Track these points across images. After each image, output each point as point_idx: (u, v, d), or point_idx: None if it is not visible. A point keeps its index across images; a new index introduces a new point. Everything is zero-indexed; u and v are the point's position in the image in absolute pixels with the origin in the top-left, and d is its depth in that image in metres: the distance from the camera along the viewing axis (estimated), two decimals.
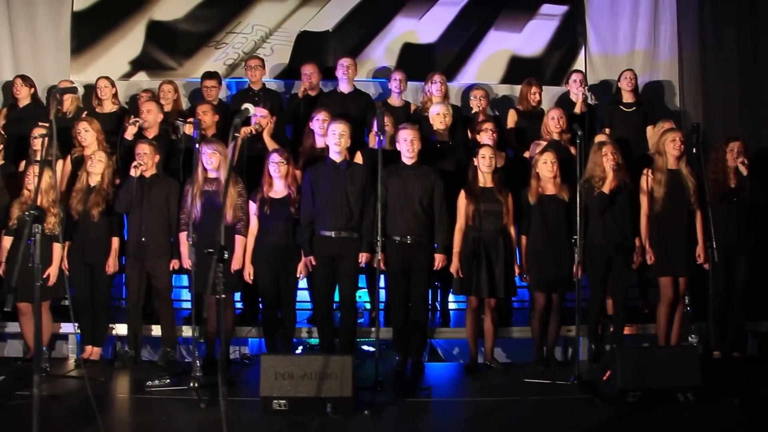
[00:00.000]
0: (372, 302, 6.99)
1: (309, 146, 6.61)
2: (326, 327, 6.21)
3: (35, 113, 7.48)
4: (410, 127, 6.19)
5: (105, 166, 6.31)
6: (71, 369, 6.21)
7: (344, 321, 6.18)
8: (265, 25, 8.03)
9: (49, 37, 8.13)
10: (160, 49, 8.11)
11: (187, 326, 6.60)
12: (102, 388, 5.57)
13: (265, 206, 6.10)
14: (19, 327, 6.59)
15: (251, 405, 5.13)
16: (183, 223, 6.15)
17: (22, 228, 6.25)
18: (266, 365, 4.89)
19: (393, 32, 8.04)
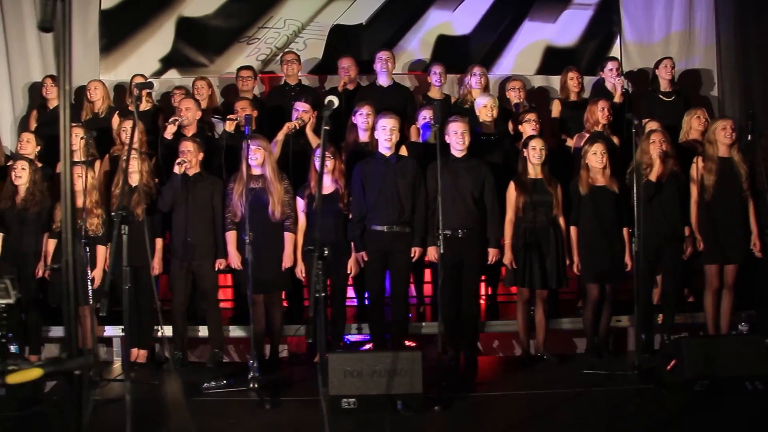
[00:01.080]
0: (418, 296, 6.95)
1: (352, 141, 6.53)
2: (378, 323, 6.14)
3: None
4: (460, 120, 6.11)
5: (140, 164, 6.22)
6: (119, 373, 6.14)
7: (396, 316, 6.11)
8: (297, 20, 7.92)
9: (78, 37, 7.99)
10: (191, 46, 8.00)
11: (234, 326, 6.54)
12: (157, 391, 5.51)
13: (314, 203, 6.03)
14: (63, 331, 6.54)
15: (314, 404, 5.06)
16: (229, 222, 6.08)
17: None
18: (334, 364, 4.82)
19: (427, 24, 7.95)
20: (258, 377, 5.32)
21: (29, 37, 7.98)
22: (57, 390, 5.46)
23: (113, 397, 5.35)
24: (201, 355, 6.73)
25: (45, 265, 6.28)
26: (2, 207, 6.34)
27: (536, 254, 6.03)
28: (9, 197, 6.35)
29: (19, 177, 6.31)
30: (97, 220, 6.18)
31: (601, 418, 4.78)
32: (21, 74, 8.01)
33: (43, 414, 5.03)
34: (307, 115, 6.61)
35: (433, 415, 4.78)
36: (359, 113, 6.47)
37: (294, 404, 5.13)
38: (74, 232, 1.95)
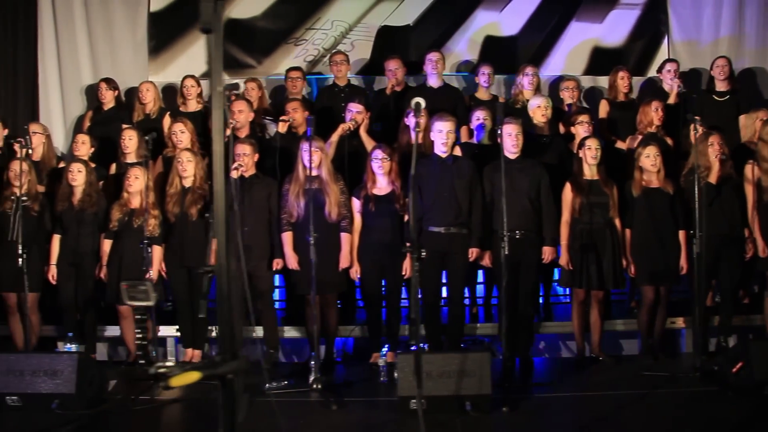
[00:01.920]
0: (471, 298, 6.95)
1: (405, 142, 6.53)
2: (435, 324, 6.14)
3: (119, 115, 7.45)
4: (514, 121, 6.10)
5: (195, 165, 6.25)
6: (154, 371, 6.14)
7: (452, 317, 6.12)
8: (345, 21, 7.94)
9: (127, 39, 8.08)
10: (239, 47, 8.01)
11: (289, 327, 6.56)
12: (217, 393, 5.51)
13: (370, 203, 6.04)
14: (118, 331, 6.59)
15: (381, 405, 5.10)
16: (285, 223, 6.10)
17: (122, 231, 6.23)
18: (403, 364, 4.82)
19: (474, 25, 7.94)
20: (321, 378, 5.33)
21: (80, 40, 8.06)
22: (118, 389, 5.52)
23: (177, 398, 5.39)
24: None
25: (101, 265, 6.32)
26: (59, 208, 6.39)
27: (593, 255, 6.02)
28: (66, 198, 6.39)
29: (75, 179, 6.35)
30: (153, 221, 6.20)
31: (669, 420, 4.77)
32: (72, 77, 8.08)
33: (111, 413, 5.07)
34: (360, 116, 6.61)
35: (502, 416, 4.78)
36: (411, 114, 6.47)
37: (360, 405, 5.14)
38: (227, 233, 1.95)
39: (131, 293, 2.30)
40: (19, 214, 6.28)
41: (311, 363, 5.48)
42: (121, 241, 6.25)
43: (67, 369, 4.95)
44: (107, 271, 6.26)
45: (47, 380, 4.95)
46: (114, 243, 6.29)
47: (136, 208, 6.23)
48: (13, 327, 6.48)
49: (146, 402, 5.18)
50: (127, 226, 6.21)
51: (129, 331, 6.34)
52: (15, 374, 5.00)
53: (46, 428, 4.71)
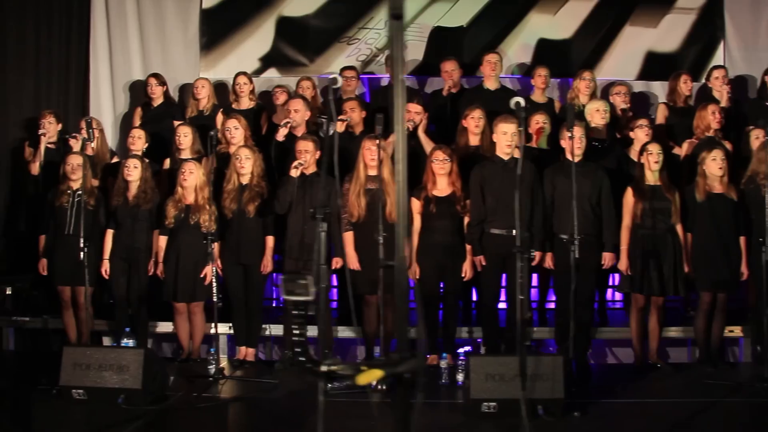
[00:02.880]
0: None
1: (463, 144, 6.49)
2: (493, 327, 6.10)
3: (170, 111, 7.44)
4: (578, 124, 6.05)
5: (253, 162, 6.22)
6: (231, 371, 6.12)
7: (511, 320, 6.06)
8: None
9: (178, 35, 8.08)
10: (291, 46, 8.00)
11: (343, 327, 6.52)
12: (277, 392, 5.50)
13: (431, 205, 6.00)
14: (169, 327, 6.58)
15: (447, 407, 5.05)
16: (346, 224, 6.06)
17: (178, 227, 6.20)
18: (475, 366, 4.77)
19: (528, 28, 7.88)
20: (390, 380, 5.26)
21: (132, 36, 8.06)
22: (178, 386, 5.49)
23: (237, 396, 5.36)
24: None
25: (156, 262, 6.30)
26: (114, 203, 6.38)
27: (654, 261, 5.96)
28: (121, 194, 6.37)
29: (131, 174, 6.33)
30: (208, 217, 6.18)
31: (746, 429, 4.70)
32: (122, 73, 8.09)
33: (175, 410, 5.03)
34: (419, 116, 6.57)
35: (574, 421, 4.72)
36: (470, 117, 6.44)
37: (426, 407, 5.06)
38: (407, 228, 1.92)
39: (290, 287, 2.24)
40: (75, 209, 6.31)
41: None
42: (177, 237, 6.22)
43: (133, 364, 4.93)
44: (163, 268, 6.24)
45: (113, 375, 4.93)
46: (170, 239, 6.28)
47: (192, 204, 6.20)
48: (67, 320, 6.48)
49: (208, 399, 5.15)
50: (183, 223, 6.18)
51: (183, 328, 6.32)
52: (81, 368, 4.98)
53: (113, 423, 4.69)
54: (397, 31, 1.94)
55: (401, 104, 1.96)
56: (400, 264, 1.99)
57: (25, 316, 6.82)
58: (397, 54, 1.96)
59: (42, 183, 6.82)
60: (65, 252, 6.31)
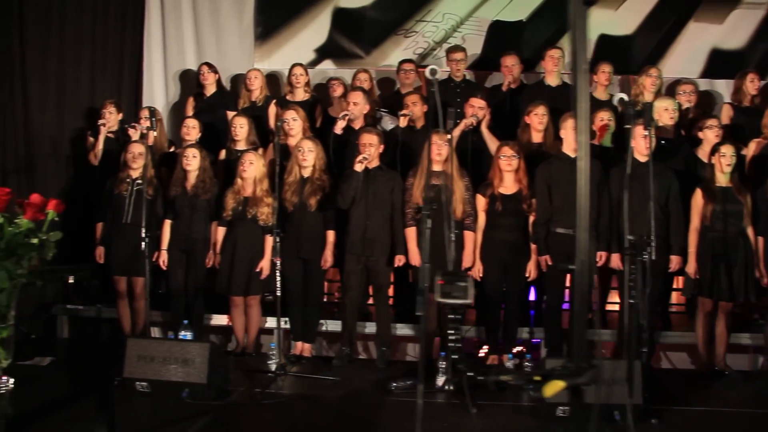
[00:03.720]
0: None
1: (526, 141, 6.36)
2: (556, 327, 5.98)
3: (222, 101, 7.36)
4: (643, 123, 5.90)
5: (315, 155, 6.12)
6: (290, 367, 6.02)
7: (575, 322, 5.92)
8: (456, 14, 7.74)
9: (233, 25, 7.99)
10: (347, 37, 7.88)
11: (402, 324, 6.41)
12: (339, 389, 5.41)
13: (497, 202, 5.88)
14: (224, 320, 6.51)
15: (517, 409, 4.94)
16: (409, 218, 5.95)
17: (236, 219, 6.12)
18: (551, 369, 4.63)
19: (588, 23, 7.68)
20: (452, 379, 5.17)
21: (186, 26, 7.99)
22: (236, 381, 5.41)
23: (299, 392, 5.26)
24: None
25: (214, 253, 6.23)
26: (172, 193, 6.31)
27: (724, 265, 5.79)
28: (179, 184, 6.31)
29: (190, 164, 6.27)
30: (267, 209, 6.09)
31: None
32: (176, 61, 8.02)
33: (239, 405, 4.96)
34: (482, 111, 6.44)
35: (652, 427, 4.59)
36: (533, 113, 6.32)
37: (497, 408, 4.95)
38: (589, 229, 1.82)
39: (447, 289, 2.15)
40: (134, 198, 6.25)
41: (440, 363, 5.33)
42: (235, 229, 6.14)
43: (198, 358, 4.86)
44: (220, 260, 6.16)
45: (178, 368, 4.86)
46: (227, 231, 6.19)
47: (250, 196, 6.12)
48: (122, 311, 6.43)
49: (272, 396, 5.07)
50: (241, 215, 6.10)
51: (239, 321, 6.25)
52: (146, 360, 4.91)
53: (179, 417, 4.61)
54: (582, 18, 1.83)
55: (584, 97, 1.85)
56: (582, 267, 1.88)
57: (79, 304, 6.80)
58: (580, 43, 1.85)
59: (101, 172, 6.76)
60: (122, 241, 6.27)
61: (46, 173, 7.35)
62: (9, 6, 7.08)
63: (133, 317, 6.45)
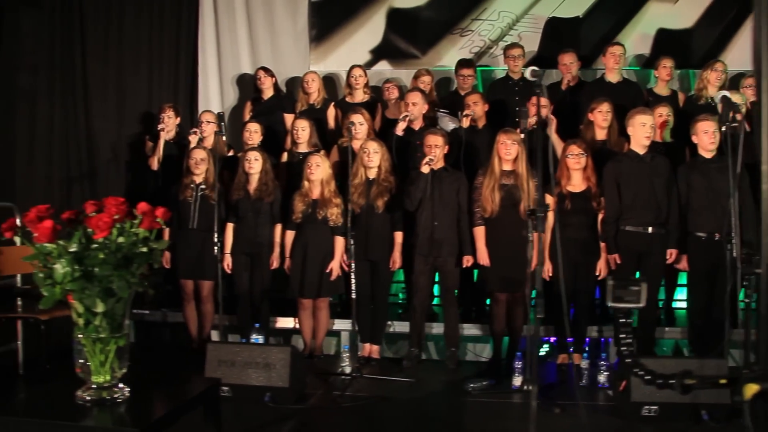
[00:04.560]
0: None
1: (589, 138, 6.30)
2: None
3: (280, 104, 7.38)
4: (709, 118, 5.83)
5: (381, 156, 6.12)
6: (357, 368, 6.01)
7: (643, 320, 5.89)
8: (512, 12, 7.71)
9: (288, 28, 8.01)
10: (402, 38, 7.87)
11: (469, 324, 6.40)
12: (416, 390, 5.40)
13: (566, 200, 5.85)
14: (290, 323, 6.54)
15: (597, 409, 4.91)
16: (478, 218, 5.93)
17: (306, 221, 6.13)
18: (635, 369, 4.59)
19: (646, 17, 7.60)
20: (531, 378, 5.13)
21: (240, 29, 8.03)
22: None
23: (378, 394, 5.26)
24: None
25: (283, 257, 6.25)
26: (235, 197, 6.33)
27: None
28: (242, 187, 6.34)
29: (252, 167, 6.29)
30: (336, 210, 6.10)
31: None
32: (230, 66, 8.07)
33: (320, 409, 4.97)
34: (545, 110, 6.38)
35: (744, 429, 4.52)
36: (598, 110, 6.27)
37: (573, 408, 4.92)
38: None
39: (619, 293, 2.15)
40: (199, 203, 6.28)
41: (516, 363, 5.32)
42: (304, 232, 6.16)
43: (280, 362, 4.88)
44: (290, 263, 6.18)
45: (260, 372, 4.88)
46: (297, 234, 6.21)
47: (318, 199, 6.13)
48: (189, 314, 6.47)
49: (351, 398, 5.08)
50: (310, 218, 6.11)
51: (307, 324, 6.26)
52: (226, 365, 4.94)
53: (264, 422, 4.64)
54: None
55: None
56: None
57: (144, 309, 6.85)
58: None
59: (161, 177, 6.82)
60: (189, 246, 6.31)
61: (108, 179, 7.43)
62: (71, 22, 7.14)
63: (200, 321, 6.49)
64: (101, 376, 2.88)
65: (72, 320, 2.86)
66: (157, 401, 3.03)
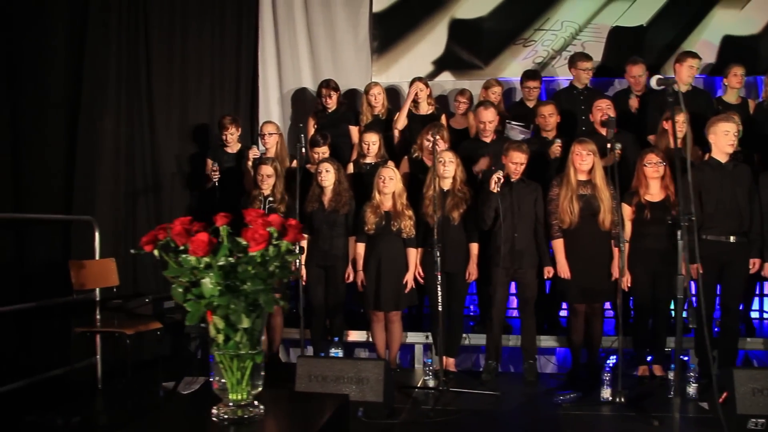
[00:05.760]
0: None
1: (664, 147, 6.24)
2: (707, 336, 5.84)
3: (344, 116, 7.38)
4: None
5: (456, 167, 6.09)
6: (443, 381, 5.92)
7: (726, 330, 5.80)
8: (575, 21, 7.67)
9: (349, 40, 8.03)
10: (464, 48, 7.85)
11: (547, 336, 6.34)
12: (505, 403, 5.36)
13: (645, 210, 5.79)
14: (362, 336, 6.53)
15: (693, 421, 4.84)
16: (556, 230, 5.89)
17: (379, 233, 6.09)
18: (740, 379, 4.52)
19: (711, 25, 7.52)
20: (623, 391, 5.08)
21: (301, 44, 8.07)
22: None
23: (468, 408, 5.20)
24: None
25: (354, 269, 6.22)
26: (309, 209, 6.31)
27: None
28: (316, 199, 6.32)
29: (325, 179, 6.28)
30: (409, 222, 6.08)
31: None
32: (291, 79, 8.10)
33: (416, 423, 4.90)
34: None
35: None
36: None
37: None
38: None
39: None
40: None
41: (604, 375, 5.25)
42: (378, 245, 6.13)
43: (374, 377, 4.83)
44: (364, 276, 6.15)
45: (353, 387, 4.83)
46: (369, 247, 6.18)
47: (390, 211, 6.10)
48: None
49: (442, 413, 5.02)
50: (383, 230, 6.08)
51: (380, 337, 6.23)
52: (317, 379, 4.90)
53: None
54: None
55: None
56: None
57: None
58: None
59: (223, 189, 6.84)
60: None
61: (173, 192, 7.42)
62: (136, 40, 7.18)
63: (271, 334, 6.47)
64: (238, 394, 2.85)
65: (156, 335, 2.82)
66: (294, 420, 2.99)
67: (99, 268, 5.90)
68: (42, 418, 4.85)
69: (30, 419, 4.83)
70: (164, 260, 2.82)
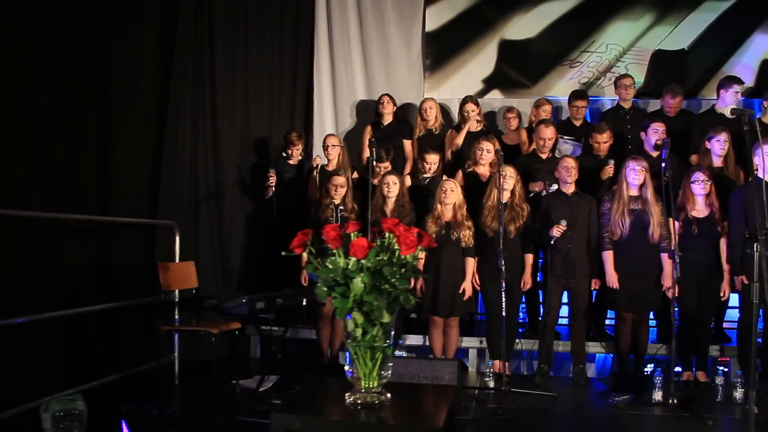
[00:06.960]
0: None
1: (706, 166, 6.60)
2: (749, 346, 6.19)
3: (399, 130, 7.75)
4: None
5: (515, 181, 6.45)
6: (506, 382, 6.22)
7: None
8: (619, 44, 8.07)
9: (402, 57, 8.44)
10: (513, 68, 8.28)
11: (594, 342, 6.70)
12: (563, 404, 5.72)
13: (692, 225, 6.14)
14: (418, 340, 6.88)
15: (739, 424, 5.16)
16: (607, 242, 6.24)
17: (440, 242, 6.44)
18: None
19: (751, 49, 7.91)
20: (677, 394, 5.43)
21: (355, 58, 8.49)
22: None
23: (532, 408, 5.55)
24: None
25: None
26: (373, 219, 6.64)
27: None
28: (379, 209, 6.67)
29: (390, 190, 6.65)
30: (468, 232, 6.42)
31: None
32: (345, 93, 8.52)
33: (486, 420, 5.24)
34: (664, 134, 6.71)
35: None
36: (715, 139, 6.56)
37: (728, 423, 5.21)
38: None
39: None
40: (339, 224, 6.61)
41: (656, 379, 5.60)
42: (438, 253, 6.46)
43: (448, 375, 5.15)
44: (423, 282, 6.50)
45: None
46: (429, 255, 6.50)
47: (451, 221, 6.45)
48: (323, 332, 6.80)
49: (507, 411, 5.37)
50: (444, 239, 6.43)
51: (437, 341, 6.57)
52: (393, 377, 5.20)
53: None
54: None
55: None
56: None
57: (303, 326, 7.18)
58: None
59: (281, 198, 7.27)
60: None
61: (234, 201, 7.78)
62: (202, 53, 7.53)
63: (332, 338, 6.82)
64: (369, 382, 3.22)
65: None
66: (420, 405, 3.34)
67: (180, 270, 6.26)
68: (138, 408, 5.21)
69: (126, 409, 5.18)
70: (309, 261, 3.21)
